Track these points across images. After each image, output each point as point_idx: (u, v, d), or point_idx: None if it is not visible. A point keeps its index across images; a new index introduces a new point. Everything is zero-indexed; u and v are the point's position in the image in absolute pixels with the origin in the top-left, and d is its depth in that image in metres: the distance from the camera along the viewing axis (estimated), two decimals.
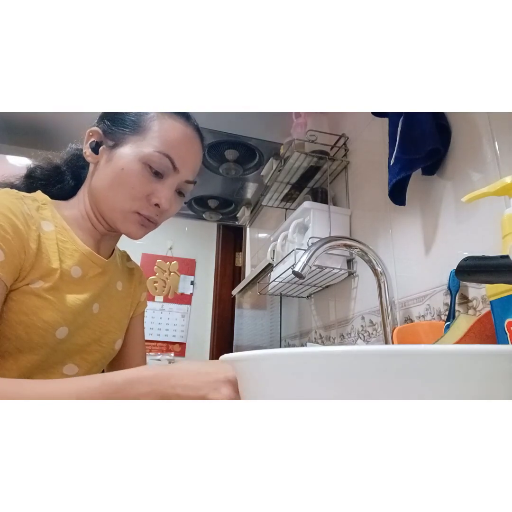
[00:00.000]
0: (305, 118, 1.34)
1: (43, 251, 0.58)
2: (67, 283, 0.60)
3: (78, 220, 0.66)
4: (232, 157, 1.70)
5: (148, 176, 0.61)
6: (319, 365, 0.27)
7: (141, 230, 0.66)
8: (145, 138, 0.61)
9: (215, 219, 2.35)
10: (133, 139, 0.62)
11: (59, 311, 0.58)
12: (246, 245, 2.51)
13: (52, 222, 0.61)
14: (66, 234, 0.62)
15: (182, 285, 2.94)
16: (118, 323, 0.72)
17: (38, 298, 0.56)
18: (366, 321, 1.07)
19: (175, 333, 2.82)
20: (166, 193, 0.63)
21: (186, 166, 0.64)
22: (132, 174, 0.61)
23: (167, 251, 2.97)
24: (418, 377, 0.25)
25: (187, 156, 0.65)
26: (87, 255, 0.64)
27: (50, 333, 0.57)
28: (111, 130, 0.64)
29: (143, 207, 0.63)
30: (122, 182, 0.61)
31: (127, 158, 0.61)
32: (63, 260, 0.60)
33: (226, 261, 2.79)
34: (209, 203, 2.21)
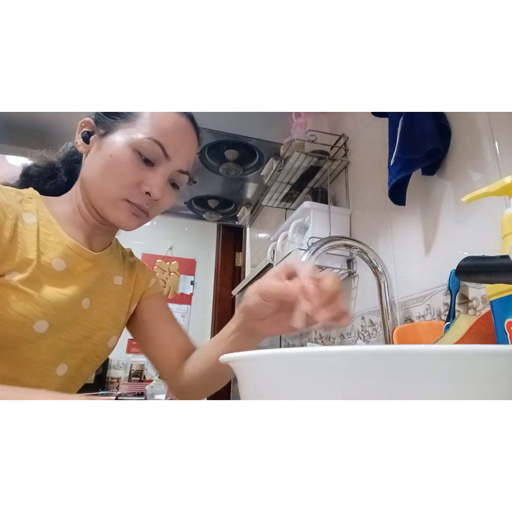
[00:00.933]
0: (305, 118, 1.34)
1: (19, 240, 0.57)
2: (47, 276, 0.59)
3: (69, 214, 0.65)
4: (232, 157, 1.70)
5: (138, 163, 0.60)
6: (319, 365, 0.27)
7: (131, 219, 0.63)
8: (135, 124, 0.61)
9: (215, 219, 2.35)
10: (124, 126, 0.61)
11: (36, 304, 0.57)
12: (246, 245, 2.51)
13: (36, 215, 0.61)
14: (50, 227, 0.62)
15: (182, 285, 2.94)
16: (113, 320, 0.70)
17: (13, 291, 0.55)
18: (366, 321, 1.07)
19: None
20: (157, 181, 0.62)
21: (178, 155, 0.63)
22: (121, 160, 0.60)
23: (167, 251, 2.97)
24: (418, 377, 0.25)
25: (180, 145, 0.63)
26: (72, 248, 0.63)
27: (27, 326, 0.56)
28: (103, 119, 0.63)
29: (133, 194, 0.61)
30: (111, 168, 0.60)
31: (117, 145, 0.60)
32: (44, 252, 0.59)
33: (226, 261, 2.79)
34: (209, 203, 2.21)
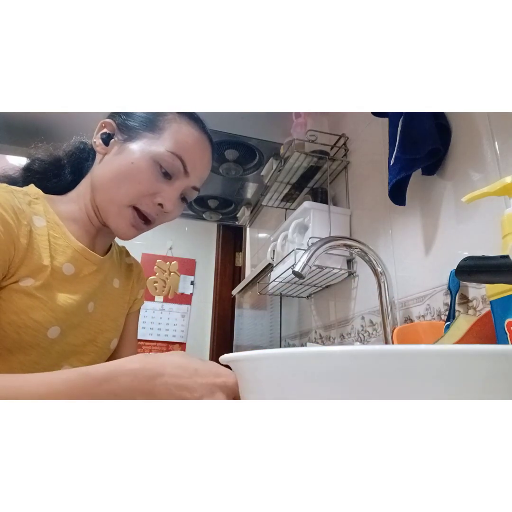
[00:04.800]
0: (305, 118, 1.34)
1: (34, 247, 0.57)
2: (58, 281, 0.59)
3: (74, 214, 0.65)
4: (232, 157, 1.70)
5: (156, 174, 0.61)
6: (319, 365, 0.27)
7: (130, 230, 0.64)
8: (159, 137, 0.61)
9: (215, 219, 2.35)
10: (147, 136, 0.62)
11: (50, 310, 0.57)
12: (246, 245, 2.51)
13: (44, 217, 0.60)
14: (58, 229, 0.61)
15: (182, 285, 2.94)
16: (113, 322, 0.70)
17: (28, 297, 0.55)
18: (366, 321, 1.07)
19: (175, 333, 2.81)
20: (172, 195, 0.63)
21: (196, 172, 0.65)
22: (142, 169, 0.60)
23: (167, 251, 2.97)
24: (418, 377, 0.25)
25: (199, 163, 0.65)
26: (80, 252, 0.63)
27: (41, 333, 0.56)
28: (126, 124, 0.63)
29: (143, 203, 0.62)
30: (129, 175, 0.61)
31: (139, 154, 0.61)
32: (55, 256, 0.59)
33: (226, 261, 2.79)
34: (209, 203, 2.21)
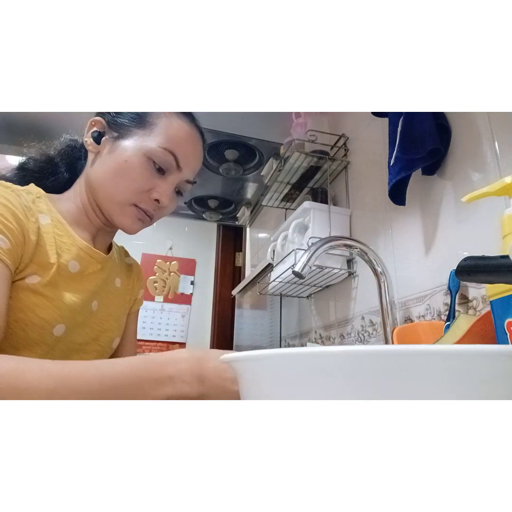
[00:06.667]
0: (305, 118, 1.34)
1: (41, 244, 0.57)
2: (64, 278, 0.59)
3: (73, 214, 0.65)
4: (232, 157, 1.70)
5: (150, 170, 0.62)
6: (319, 365, 0.27)
7: (136, 224, 0.65)
8: (151, 133, 0.62)
9: (215, 219, 2.35)
10: (139, 133, 0.62)
11: (56, 308, 0.57)
12: (246, 245, 2.51)
13: (48, 215, 0.60)
14: (62, 228, 0.61)
15: (182, 285, 2.94)
16: (116, 321, 0.71)
17: (35, 295, 0.55)
18: (366, 321, 1.07)
19: (175, 333, 2.81)
20: (167, 190, 0.64)
21: (188, 166, 0.65)
22: (135, 167, 0.61)
23: (167, 251, 2.97)
24: (418, 377, 0.25)
25: (191, 156, 0.65)
26: (85, 250, 0.63)
27: (47, 330, 0.56)
28: (116, 121, 0.63)
29: (142, 200, 0.63)
30: (124, 174, 0.61)
31: (131, 151, 0.61)
32: (60, 254, 0.59)
33: (226, 261, 2.79)
34: (209, 203, 2.21)
